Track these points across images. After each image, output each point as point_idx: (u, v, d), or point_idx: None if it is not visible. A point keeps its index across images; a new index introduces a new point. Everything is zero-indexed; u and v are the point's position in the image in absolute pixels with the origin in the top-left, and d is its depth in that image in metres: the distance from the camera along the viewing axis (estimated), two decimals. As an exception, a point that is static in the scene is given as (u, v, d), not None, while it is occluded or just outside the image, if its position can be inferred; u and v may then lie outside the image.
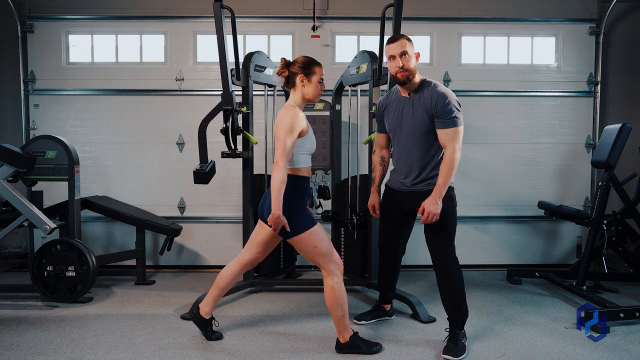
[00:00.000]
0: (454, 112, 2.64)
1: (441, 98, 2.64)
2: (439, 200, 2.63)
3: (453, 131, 2.64)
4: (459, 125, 2.65)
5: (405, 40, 2.72)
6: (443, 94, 2.66)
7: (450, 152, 2.64)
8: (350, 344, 2.71)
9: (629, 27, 4.90)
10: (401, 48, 2.70)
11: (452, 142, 2.64)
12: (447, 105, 2.63)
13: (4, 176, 3.58)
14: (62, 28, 4.73)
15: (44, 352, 2.74)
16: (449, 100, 2.64)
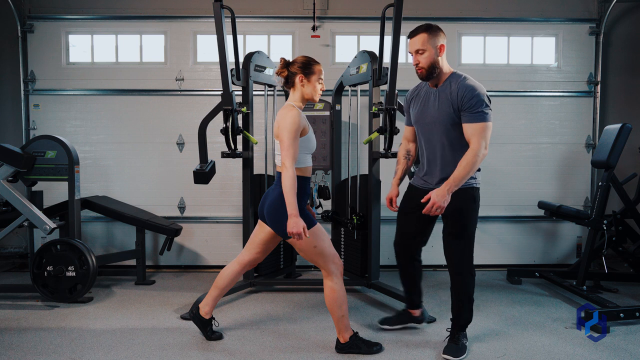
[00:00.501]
0: (482, 106, 2.48)
1: (469, 91, 2.51)
2: (448, 193, 2.48)
3: (480, 126, 2.48)
4: (487, 120, 2.49)
5: (423, 35, 2.57)
6: (472, 86, 2.52)
7: (474, 146, 2.48)
8: (350, 344, 2.71)
9: (629, 27, 4.90)
10: (416, 45, 2.58)
11: (478, 137, 2.48)
12: (475, 98, 2.49)
13: (4, 176, 3.58)
14: (62, 28, 4.73)
15: (44, 352, 2.74)
16: (477, 93, 2.49)
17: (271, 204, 2.61)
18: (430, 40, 2.56)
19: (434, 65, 2.58)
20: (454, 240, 2.66)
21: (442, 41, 2.59)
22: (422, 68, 2.59)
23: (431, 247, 4.82)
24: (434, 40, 2.57)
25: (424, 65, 2.58)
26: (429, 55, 2.57)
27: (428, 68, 2.58)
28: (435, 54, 2.57)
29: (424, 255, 3.06)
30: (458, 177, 2.48)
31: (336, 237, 4.18)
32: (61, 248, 3.59)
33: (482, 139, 2.49)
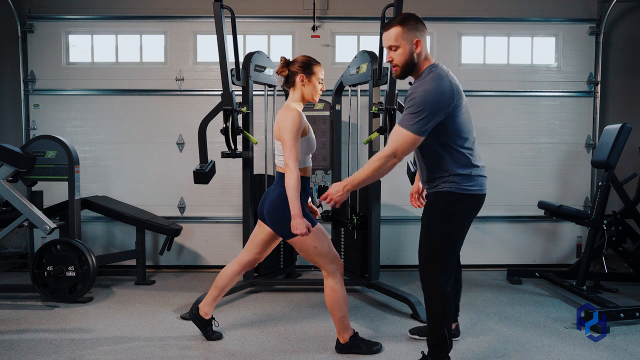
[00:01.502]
0: (411, 111, 2.19)
1: (411, 93, 2.23)
2: (343, 189, 2.32)
3: (400, 131, 2.21)
4: (410, 130, 2.18)
5: (396, 29, 2.28)
6: (417, 90, 2.21)
7: (383, 150, 2.24)
8: (350, 344, 2.71)
9: (629, 27, 4.90)
10: (389, 41, 2.31)
11: (391, 141, 2.24)
12: (411, 101, 2.20)
13: (4, 176, 3.58)
14: (62, 28, 4.73)
15: (44, 352, 2.74)
16: (413, 97, 2.20)
17: (271, 204, 2.61)
18: (404, 35, 2.27)
19: (409, 63, 2.30)
20: (420, 247, 2.40)
21: (419, 35, 2.28)
22: (396, 66, 2.32)
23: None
24: (409, 35, 2.27)
25: (398, 62, 2.31)
26: (403, 52, 2.28)
27: (403, 66, 2.31)
28: (410, 50, 2.28)
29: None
30: (356, 178, 2.31)
31: (336, 237, 4.18)
32: (61, 248, 3.59)
33: (396, 145, 2.21)
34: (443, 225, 2.34)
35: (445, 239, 2.35)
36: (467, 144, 2.33)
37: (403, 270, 4.66)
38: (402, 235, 4.75)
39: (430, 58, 2.36)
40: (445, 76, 2.25)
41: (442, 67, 2.31)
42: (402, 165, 3.98)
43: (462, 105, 2.29)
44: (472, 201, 2.36)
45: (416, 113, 2.17)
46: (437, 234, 2.35)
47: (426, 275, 2.39)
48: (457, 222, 2.35)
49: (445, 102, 2.20)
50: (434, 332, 2.39)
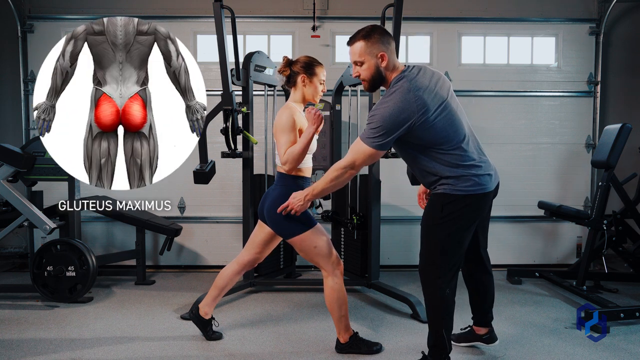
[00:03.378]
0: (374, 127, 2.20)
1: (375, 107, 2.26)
2: (304, 199, 2.39)
3: (361, 144, 2.25)
4: (369, 145, 2.22)
5: (360, 43, 2.27)
6: (380, 105, 2.23)
7: (342, 160, 2.31)
8: (350, 344, 2.71)
9: (629, 27, 4.90)
10: (354, 56, 2.31)
11: (351, 152, 2.28)
12: (371, 118, 2.23)
13: (4, 176, 3.58)
14: (62, 28, 4.73)
15: (44, 352, 2.74)
16: (374, 112, 2.22)
17: (271, 204, 2.61)
18: (368, 50, 2.25)
19: (376, 77, 2.30)
20: (420, 251, 2.41)
21: (383, 49, 2.25)
22: (363, 80, 2.33)
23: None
24: (373, 49, 2.25)
25: (365, 77, 2.31)
26: (369, 66, 2.28)
27: (370, 80, 2.31)
28: (375, 64, 2.27)
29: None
30: (316, 187, 2.37)
31: (336, 237, 4.18)
32: (61, 248, 3.59)
33: (354, 158, 2.26)
34: (439, 227, 2.31)
35: (441, 241, 2.32)
36: (453, 146, 2.26)
37: (403, 270, 4.66)
38: (402, 235, 4.75)
39: (399, 66, 2.31)
40: (409, 90, 2.19)
41: (410, 77, 2.24)
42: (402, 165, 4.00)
43: (435, 112, 2.21)
44: (471, 201, 2.30)
45: (375, 129, 2.21)
46: (433, 236, 2.34)
47: (425, 278, 2.40)
48: (454, 224, 2.30)
49: (405, 118, 2.18)
50: (433, 333, 2.40)
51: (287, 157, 2.49)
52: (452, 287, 2.38)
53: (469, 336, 2.81)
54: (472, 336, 2.80)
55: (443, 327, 2.36)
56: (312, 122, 2.49)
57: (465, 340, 2.82)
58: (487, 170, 2.36)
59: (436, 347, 2.40)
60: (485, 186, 2.34)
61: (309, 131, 2.50)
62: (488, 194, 2.38)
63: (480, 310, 2.72)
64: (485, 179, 2.34)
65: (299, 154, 2.49)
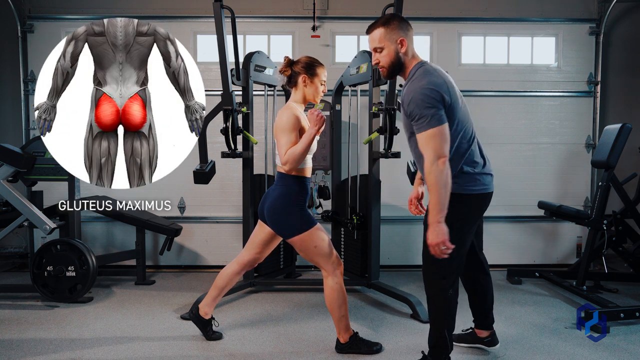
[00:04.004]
0: (419, 113, 2.12)
1: (406, 96, 2.19)
2: (438, 225, 2.10)
3: (423, 136, 2.13)
4: (428, 128, 2.11)
5: (379, 30, 2.26)
6: (411, 90, 2.17)
7: (426, 159, 2.13)
8: (350, 344, 2.71)
9: (629, 27, 4.90)
10: (373, 43, 2.29)
11: (425, 148, 2.13)
12: (412, 103, 2.14)
13: (4, 176, 3.58)
14: (62, 28, 4.73)
15: (44, 352, 2.74)
16: (412, 97, 2.15)
17: (271, 204, 2.61)
18: (388, 36, 2.24)
19: (396, 63, 2.27)
20: (423, 251, 2.31)
21: (403, 35, 2.24)
22: (382, 67, 2.30)
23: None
24: (393, 35, 2.23)
25: (385, 64, 2.28)
26: (388, 53, 2.25)
27: (389, 67, 2.28)
28: (395, 50, 2.24)
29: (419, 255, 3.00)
30: (434, 203, 2.11)
31: (336, 237, 4.18)
32: (61, 248, 3.59)
33: (430, 149, 2.11)
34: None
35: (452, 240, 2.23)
36: (467, 142, 2.27)
37: (403, 270, 4.66)
38: (402, 235, 4.75)
39: (418, 57, 2.31)
40: (435, 71, 2.22)
41: (431, 64, 2.27)
42: (402, 165, 4.01)
43: (458, 101, 2.24)
44: (474, 202, 2.31)
45: (426, 108, 2.11)
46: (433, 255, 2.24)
47: (428, 279, 2.37)
48: (457, 224, 2.26)
49: (442, 92, 2.15)
50: (435, 334, 2.38)
51: (288, 157, 2.49)
52: (455, 287, 2.37)
53: (470, 338, 2.81)
54: (473, 338, 2.79)
55: (445, 328, 2.35)
56: (314, 124, 2.49)
57: (465, 342, 2.82)
58: (489, 171, 2.36)
59: (437, 348, 2.39)
60: (488, 186, 2.34)
61: (310, 132, 2.50)
62: (490, 195, 2.37)
63: (480, 312, 2.71)
64: (488, 179, 2.35)
65: (300, 154, 2.49)
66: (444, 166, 2.10)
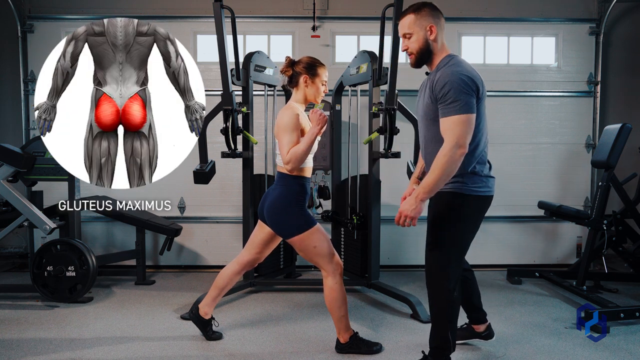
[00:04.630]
0: (453, 97, 2.12)
1: (442, 78, 2.16)
2: (416, 201, 2.14)
3: (451, 120, 2.12)
4: (461, 112, 2.10)
5: (409, 16, 2.27)
6: (448, 74, 2.16)
7: (445, 145, 2.12)
8: (350, 344, 2.71)
9: (629, 27, 4.90)
10: (402, 29, 2.29)
11: (450, 133, 2.11)
12: (447, 86, 2.13)
13: (4, 176, 3.58)
14: (62, 28, 4.73)
15: (44, 352, 2.74)
16: (448, 81, 2.14)
17: (271, 204, 2.61)
18: (418, 22, 2.25)
19: (424, 50, 2.27)
20: (427, 251, 2.34)
21: (432, 21, 2.25)
22: (411, 53, 2.30)
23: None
24: (422, 21, 2.25)
25: (413, 50, 2.28)
26: (418, 39, 2.26)
27: (417, 53, 2.28)
28: (424, 36, 2.25)
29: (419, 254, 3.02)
30: (428, 183, 2.13)
31: (336, 237, 4.18)
32: (61, 248, 3.59)
33: (454, 135, 2.10)
34: (448, 228, 2.28)
35: (451, 242, 2.29)
36: (483, 142, 2.28)
37: (403, 270, 4.66)
38: (402, 235, 4.74)
39: (448, 49, 2.32)
40: (469, 64, 2.25)
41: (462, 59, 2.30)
42: (402, 165, 4.01)
43: (484, 98, 2.25)
44: (479, 203, 2.30)
45: (460, 93, 2.11)
46: (443, 238, 2.29)
47: (432, 279, 2.34)
48: (463, 224, 2.28)
49: (478, 83, 2.18)
50: (438, 334, 2.36)
51: (291, 157, 2.49)
52: (459, 289, 2.37)
53: (467, 333, 2.82)
54: (470, 333, 2.81)
55: (449, 330, 2.33)
56: (317, 123, 2.49)
57: (462, 337, 2.80)
58: (493, 174, 2.37)
59: (439, 349, 2.36)
60: (491, 189, 2.35)
61: (312, 132, 2.50)
62: (491, 198, 2.36)
63: (473, 307, 2.73)
64: (492, 182, 2.35)
65: (303, 153, 2.49)
66: (459, 158, 2.12)
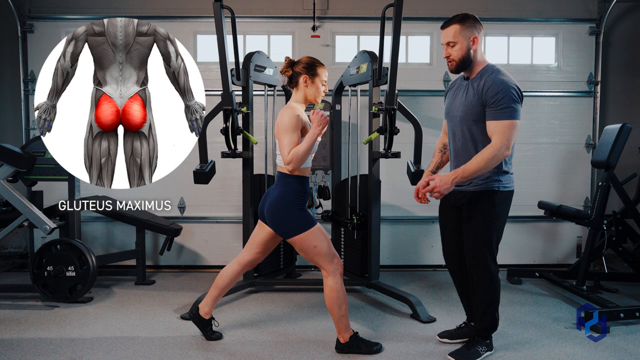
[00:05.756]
0: (508, 102, 2.38)
1: (494, 86, 2.41)
2: (451, 182, 2.37)
3: (503, 124, 2.38)
4: (513, 118, 2.38)
5: (455, 26, 2.49)
6: (500, 81, 2.41)
7: (495, 143, 2.37)
8: (350, 344, 2.71)
9: (629, 27, 4.90)
10: (447, 37, 2.51)
11: (501, 135, 2.37)
12: (501, 93, 2.38)
13: (4, 176, 3.58)
14: (62, 28, 4.73)
15: (44, 352, 2.74)
16: (504, 88, 2.39)
17: (271, 204, 2.61)
18: (462, 32, 2.48)
19: (465, 59, 2.50)
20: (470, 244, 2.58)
21: (476, 33, 2.50)
22: (452, 61, 2.52)
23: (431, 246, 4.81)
24: (467, 32, 2.48)
25: (455, 58, 2.51)
26: (461, 47, 2.49)
27: (459, 61, 2.51)
28: (467, 46, 2.48)
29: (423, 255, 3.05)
30: (468, 169, 2.37)
31: (336, 237, 4.18)
32: (61, 248, 3.59)
33: (504, 137, 2.37)
34: (493, 222, 2.55)
35: (495, 234, 2.57)
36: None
37: (403, 270, 4.66)
38: (402, 235, 4.74)
39: (486, 59, 2.57)
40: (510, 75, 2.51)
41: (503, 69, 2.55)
42: (402, 165, 4.01)
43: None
44: (510, 197, 2.61)
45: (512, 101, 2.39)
46: (488, 231, 2.55)
47: (481, 270, 2.56)
48: (503, 218, 2.59)
49: (521, 93, 2.47)
50: (487, 316, 2.61)
51: (292, 157, 2.49)
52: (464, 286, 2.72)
53: (467, 331, 2.88)
54: (469, 330, 2.86)
55: (496, 310, 2.63)
56: (317, 124, 2.50)
57: (462, 336, 2.88)
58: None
59: (489, 329, 2.65)
60: (513, 184, 2.63)
61: (313, 132, 2.51)
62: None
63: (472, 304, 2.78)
64: (512, 178, 2.62)
65: (304, 154, 2.50)
66: (502, 158, 2.41)
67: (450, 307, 3.55)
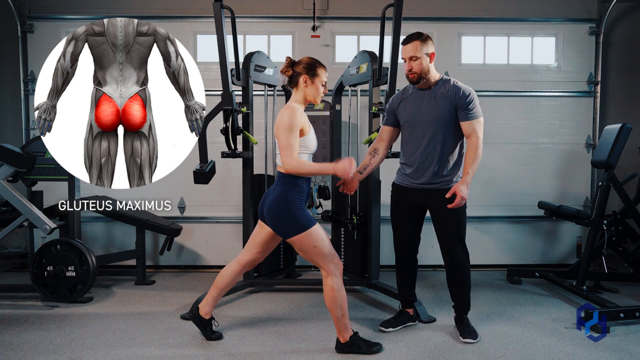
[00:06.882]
0: (475, 105, 2.82)
1: (464, 91, 2.81)
2: (467, 186, 2.75)
3: (477, 122, 2.81)
4: (481, 116, 2.83)
5: (416, 43, 2.81)
6: (465, 87, 2.84)
7: (476, 140, 2.79)
8: (350, 343, 2.71)
9: (629, 27, 4.90)
10: (409, 52, 2.82)
11: (477, 131, 2.80)
12: (469, 97, 2.80)
13: (4, 176, 3.58)
14: (62, 28, 4.73)
15: (44, 352, 2.74)
16: (470, 93, 2.82)
17: (271, 203, 2.61)
18: (422, 48, 2.81)
19: (426, 71, 2.84)
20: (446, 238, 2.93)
21: (432, 49, 2.85)
22: (414, 73, 2.84)
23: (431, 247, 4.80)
24: (425, 48, 2.82)
25: (417, 71, 2.83)
26: (421, 62, 2.82)
27: (420, 73, 2.84)
28: (426, 61, 2.83)
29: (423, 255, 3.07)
30: (473, 170, 2.78)
31: (336, 237, 4.18)
32: (61, 248, 3.59)
33: (480, 132, 2.82)
34: (464, 213, 2.90)
35: (465, 224, 2.94)
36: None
37: (403, 270, 4.65)
38: (402, 235, 4.74)
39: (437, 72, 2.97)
40: None
41: None
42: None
43: None
44: None
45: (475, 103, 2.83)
46: (462, 222, 2.91)
47: (458, 256, 2.92)
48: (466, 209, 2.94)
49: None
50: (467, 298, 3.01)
51: (297, 166, 2.51)
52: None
53: (403, 318, 3.15)
54: (406, 317, 3.16)
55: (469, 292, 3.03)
56: (340, 172, 2.60)
57: (400, 323, 3.13)
58: None
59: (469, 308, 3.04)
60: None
61: (327, 168, 2.65)
62: None
63: (412, 292, 3.18)
64: None
65: (306, 173, 2.57)
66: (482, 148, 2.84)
67: (450, 307, 3.54)
